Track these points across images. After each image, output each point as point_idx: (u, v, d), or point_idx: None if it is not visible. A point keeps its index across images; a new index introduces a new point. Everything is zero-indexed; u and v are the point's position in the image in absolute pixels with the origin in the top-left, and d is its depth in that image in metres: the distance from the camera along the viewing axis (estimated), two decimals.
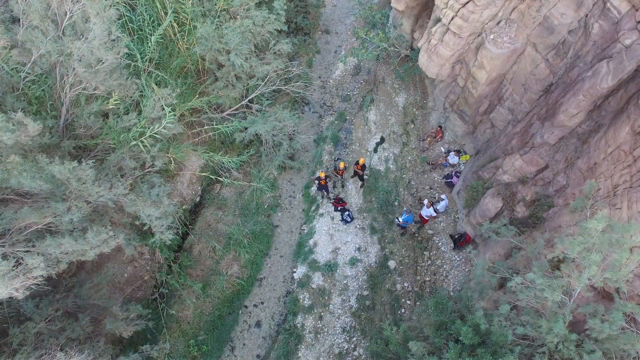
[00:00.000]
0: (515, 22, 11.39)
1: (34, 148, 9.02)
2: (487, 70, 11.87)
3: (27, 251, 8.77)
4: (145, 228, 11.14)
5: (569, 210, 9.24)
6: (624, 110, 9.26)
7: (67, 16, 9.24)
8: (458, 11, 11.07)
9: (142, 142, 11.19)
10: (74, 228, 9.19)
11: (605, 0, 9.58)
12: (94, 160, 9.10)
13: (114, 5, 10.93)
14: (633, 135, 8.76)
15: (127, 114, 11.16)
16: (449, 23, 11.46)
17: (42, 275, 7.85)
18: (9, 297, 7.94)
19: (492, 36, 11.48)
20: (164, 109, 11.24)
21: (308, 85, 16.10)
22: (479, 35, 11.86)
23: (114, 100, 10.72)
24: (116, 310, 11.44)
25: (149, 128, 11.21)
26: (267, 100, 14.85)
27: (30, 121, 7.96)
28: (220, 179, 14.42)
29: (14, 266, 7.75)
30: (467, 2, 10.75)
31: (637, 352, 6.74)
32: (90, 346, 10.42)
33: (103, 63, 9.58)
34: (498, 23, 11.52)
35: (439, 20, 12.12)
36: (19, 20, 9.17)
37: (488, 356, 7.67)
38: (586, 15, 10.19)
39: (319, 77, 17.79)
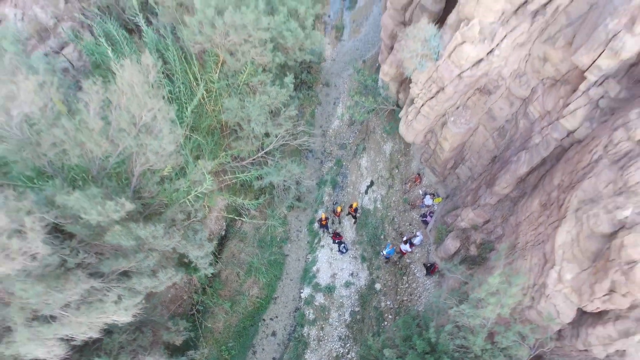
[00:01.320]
0: (470, 108, 15.66)
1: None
2: (450, 142, 16.19)
3: (117, 286, 13.16)
4: (192, 265, 15.53)
5: (502, 251, 13.62)
6: (537, 186, 13.62)
7: (143, 119, 13.50)
8: (426, 102, 15.34)
9: (188, 199, 15.54)
10: (148, 270, 13.57)
11: (527, 104, 13.89)
12: (163, 225, 13.42)
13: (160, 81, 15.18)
14: (540, 206, 13.10)
15: (178, 179, 15.47)
16: (420, 108, 15.74)
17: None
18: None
19: (452, 118, 15.78)
20: (204, 174, 15.57)
21: (311, 135, 20.33)
22: (443, 116, 16.14)
23: (168, 170, 15.04)
24: (169, 325, 15.92)
25: (193, 189, 15.55)
26: (279, 153, 19.11)
27: (128, 203, 12.26)
28: (243, 219, 18.78)
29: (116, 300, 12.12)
30: (432, 98, 15.01)
31: (521, 356, 11.17)
32: (156, 352, 14.87)
33: (166, 150, 13.87)
34: (457, 108, 15.79)
35: (413, 102, 16.38)
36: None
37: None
38: (516, 112, 14.49)
39: (320, 127, 22.09)
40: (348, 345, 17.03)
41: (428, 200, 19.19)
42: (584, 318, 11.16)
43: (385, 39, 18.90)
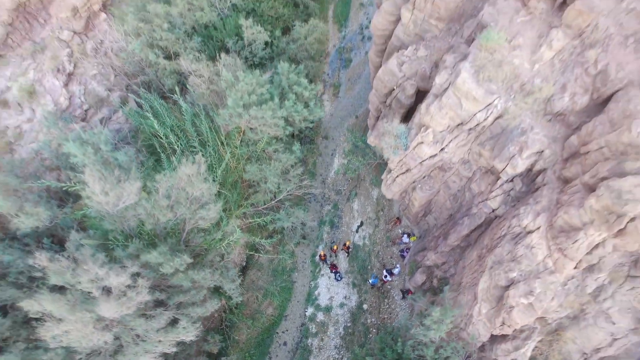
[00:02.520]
0: (432, 178, 21.68)
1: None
2: (418, 201, 22.24)
3: (177, 313, 19.28)
4: (226, 294, 21.67)
5: (445, 291, 19.75)
6: (477, 241, 19.70)
7: (194, 195, 19.50)
8: (399, 175, 21.35)
9: (223, 246, 21.65)
10: (198, 301, 19.70)
11: (470, 182, 19.92)
12: (210, 270, 19.49)
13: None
14: (477, 257, 19.19)
15: (216, 231, 21.54)
16: (395, 178, 21.75)
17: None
18: None
19: (419, 185, 21.82)
20: (234, 227, 21.65)
21: (312, 186, 26.35)
22: (413, 183, 22.17)
23: (208, 225, 21.11)
24: (208, 338, 22.14)
25: (226, 237, 21.64)
26: (288, 202, 25.14)
27: (187, 258, 18.31)
28: (259, 253, 24.87)
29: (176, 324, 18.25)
30: (403, 173, 21.01)
31: None
32: (199, 358, 21.07)
33: (210, 216, 19.91)
34: (423, 177, 21.82)
35: (390, 171, 22.38)
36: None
37: None
38: (464, 185, 20.51)
39: (320, 175, 28.11)
40: (342, 352, 23.26)
41: (405, 239, 25.29)
42: (496, 338, 17.35)
43: (373, 110, 24.91)
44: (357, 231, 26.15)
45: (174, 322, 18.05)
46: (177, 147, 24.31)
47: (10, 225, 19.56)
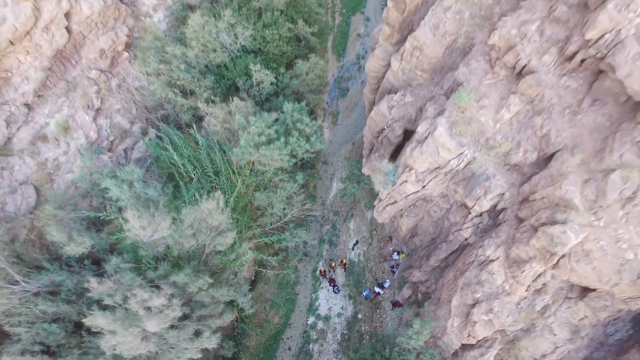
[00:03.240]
0: (417, 207, 25.50)
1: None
2: (405, 226, 26.09)
3: (199, 324, 23.17)
4: (239, 306, 25.57)
5: (426, 307, 23.65)
6: (453, 263, 23.56)
7: (212, 224, 23.31)
8: (388, 205, 25.18)
9: (236, 265, 25.52)
10: (217, 314, 23.59)
11: (448, 213, 23.75)
12: (227, 288, 23.37)
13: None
14: (453, 277, 23.05)
15: (231, 252, 25.39)
16: (384, 207, 25.58)
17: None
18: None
19: (406, 213, 25.66)
20: (247, 249, 25.51)
21: (313, 210, 30.19)
22: (400, 210, 26.00)
23: (224, 248, 24.96)
24: (223, 344, 26.07)
25: (239, 258, 25.52)
26: (292, 224, 28.97)
27: (208, 278, 22.15)
28: (267, 269, 28.73)
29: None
30: (392, 204, 24.84)
31: None
32: None
33: (227, 242, 23.75)
34: (409, 207, 25.66)
35: (381, 200, 26.20)
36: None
37: None
38: (443, 215, 24.34)
39: (320, 197, 31.94)
40: (339, 357, 27.17)
41: (395, 256, 29.17)
42: (466, 346, 21.25)
43: (367, 143, 28.70)
44: (353, 249, 30.01)
45: (197, 332, 21.92)
46: (194, 175, 28.15)
47: (52, 247, 23.49)
